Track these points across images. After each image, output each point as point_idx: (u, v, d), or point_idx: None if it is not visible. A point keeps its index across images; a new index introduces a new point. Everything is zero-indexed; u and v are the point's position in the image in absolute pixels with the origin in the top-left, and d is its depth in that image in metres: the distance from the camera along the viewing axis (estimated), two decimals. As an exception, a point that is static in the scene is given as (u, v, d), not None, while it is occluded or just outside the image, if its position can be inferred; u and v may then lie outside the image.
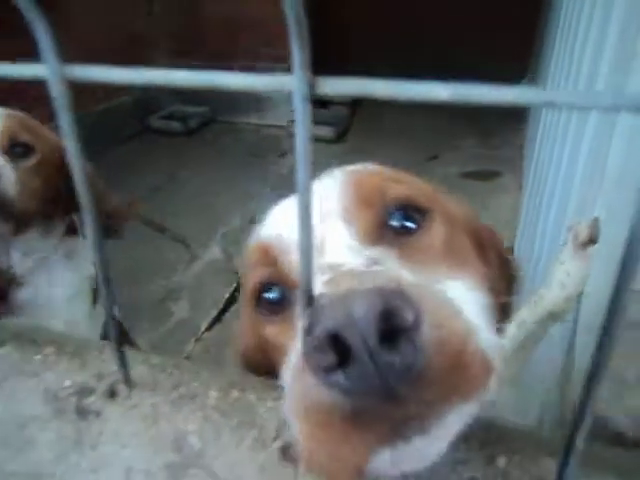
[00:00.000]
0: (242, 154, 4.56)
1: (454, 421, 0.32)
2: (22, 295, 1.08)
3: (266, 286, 0.48)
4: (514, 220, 3.31)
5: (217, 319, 2.84)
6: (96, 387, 0.40)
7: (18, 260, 1.10)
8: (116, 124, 4.45)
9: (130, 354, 0.40)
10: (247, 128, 4.82)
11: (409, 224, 0.47)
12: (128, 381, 0.40)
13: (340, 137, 4.61)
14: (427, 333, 0.28)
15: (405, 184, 0.51)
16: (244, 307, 0.53)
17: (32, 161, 1.08)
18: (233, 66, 4.86)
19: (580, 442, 0.30)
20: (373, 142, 4.50)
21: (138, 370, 0.41)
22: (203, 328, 2.74)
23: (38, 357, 0.42)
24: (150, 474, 0.37)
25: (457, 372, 0.30)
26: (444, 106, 0.27)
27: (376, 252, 0.42)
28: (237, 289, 3.11)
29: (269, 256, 0.48)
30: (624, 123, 1.16)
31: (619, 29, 1.34)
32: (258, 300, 0.48)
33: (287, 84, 0.28)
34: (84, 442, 0.38)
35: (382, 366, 0.27)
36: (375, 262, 0.40)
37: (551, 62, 2.93)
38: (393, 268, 0.40)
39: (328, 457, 0.30)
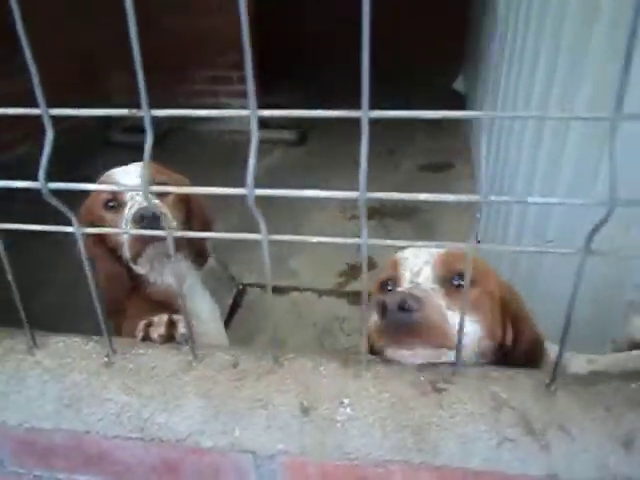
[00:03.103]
0: (209, 161, 4.70)
1: (424, 352, 0.76)
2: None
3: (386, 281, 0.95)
4: (471, 207, 3.76)
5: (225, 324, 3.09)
6: (428, 382, 0.71)
7: (170, 279, 1.35)
8: (77, 142, 4.46)
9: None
10: (209, 135, 4.98)
11: (459, 283, 0.88)
12: (457, 375, 0.71)
13: (302, 140, 4.89)
14: (420, 313, 0.74)
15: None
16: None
17: (170, 198, 1.34)
18: (193, 77, 5.00)
19: None
20: (333, 142, 4.80)
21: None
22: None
23: (397, 367, 0.73)
24: (477, 413, 0.68)
25: (424, 331, 0.75)
26: (390, 100, 0.52)
27: (435, 287, 0.86)
28: (239, 294, 3.34)
29: (393, 267, 0.94)
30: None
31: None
32: (382, 287, 0.95)
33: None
34: (443, 401, 0.68)
35: (398, 316, 0.73)
36: (432, 289, 0.84)
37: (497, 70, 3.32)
38: (435, 295, 0.83)
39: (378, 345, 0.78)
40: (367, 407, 0.69)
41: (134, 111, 0.60)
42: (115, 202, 1.30)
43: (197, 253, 1.44)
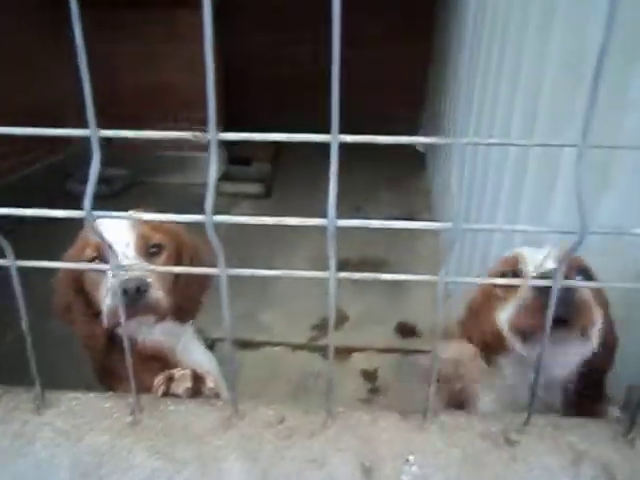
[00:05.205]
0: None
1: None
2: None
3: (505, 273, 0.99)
4: (435, 257, 3.80)
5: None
6: (499, 433, 0.66)
7: (161, 336, 1.23)
8: (32, 191, 4.26)
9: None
10: (172, 188, 4.89)
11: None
12: (528, 424, 0.66)
13: (267, 193, 4.88)
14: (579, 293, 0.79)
15: None
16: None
17: (163, 257, 1.20)
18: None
19: None
20: (298, 196, 4.82)
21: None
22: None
23: (463, 418, 0.67)
24: (555, 466, 0.63)
25: (581, 311, 0.80)
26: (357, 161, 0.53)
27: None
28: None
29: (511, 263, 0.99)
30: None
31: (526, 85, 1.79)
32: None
33: None
34: (518, 455, 0.63)
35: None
36: None
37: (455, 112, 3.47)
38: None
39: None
40: (435, 464, 0.62)
41: (79, 131, 0.56)
42: (100, 260, 1.14)
43: (184, 310, 1.28)
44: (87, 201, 0.54)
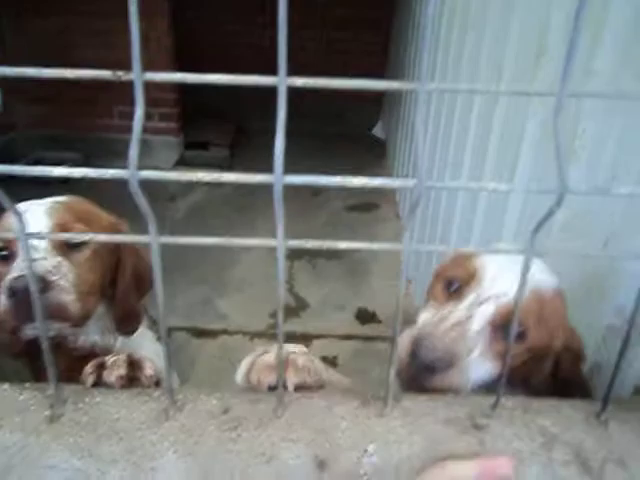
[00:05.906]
0: (128, 201, 4.37)
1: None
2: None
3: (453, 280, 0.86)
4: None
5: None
6: (466, 418, 0.60)
7: (97, 336, 1.12)
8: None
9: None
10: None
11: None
12: (497, 407, 0.61)
13: (225, 178, 4.74)
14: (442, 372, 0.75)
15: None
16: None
17: (86, 254, 1.04)
18: (112, 111, 4.74)
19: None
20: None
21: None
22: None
23: (428, 402, 0.60)
24: (526, 452, 0.58)
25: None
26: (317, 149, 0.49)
27: (483, 330, 0.82)
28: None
29: (469, 272, 0.84)
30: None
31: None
32: (446, 284, 0.87)
33: None
34: (486, 440, 0.57)
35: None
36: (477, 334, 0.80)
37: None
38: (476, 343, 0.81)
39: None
40: (397, 454, 0.56)
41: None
42: (6, 251, 0.98)
43: (123, 317, 1.15)
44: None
